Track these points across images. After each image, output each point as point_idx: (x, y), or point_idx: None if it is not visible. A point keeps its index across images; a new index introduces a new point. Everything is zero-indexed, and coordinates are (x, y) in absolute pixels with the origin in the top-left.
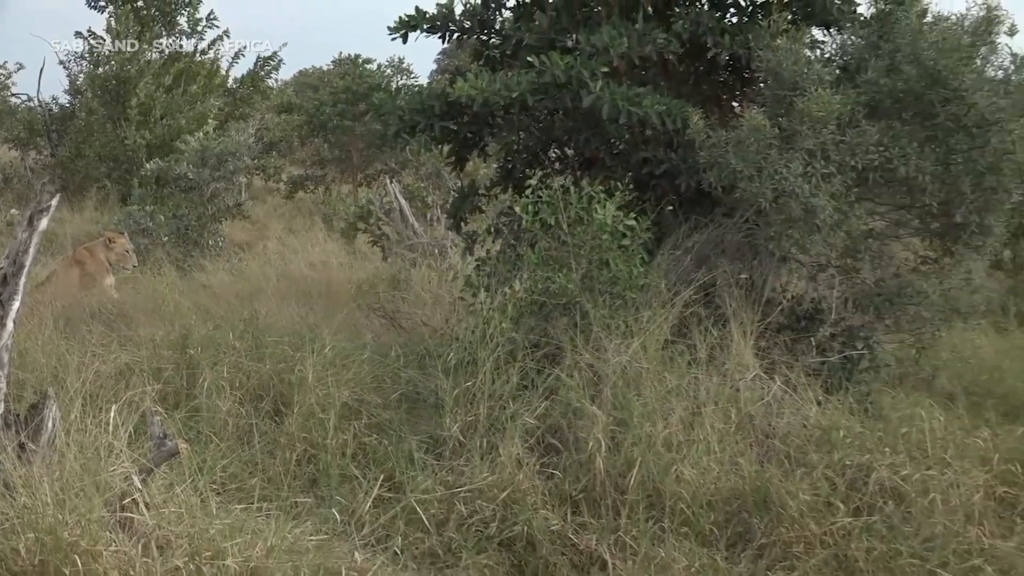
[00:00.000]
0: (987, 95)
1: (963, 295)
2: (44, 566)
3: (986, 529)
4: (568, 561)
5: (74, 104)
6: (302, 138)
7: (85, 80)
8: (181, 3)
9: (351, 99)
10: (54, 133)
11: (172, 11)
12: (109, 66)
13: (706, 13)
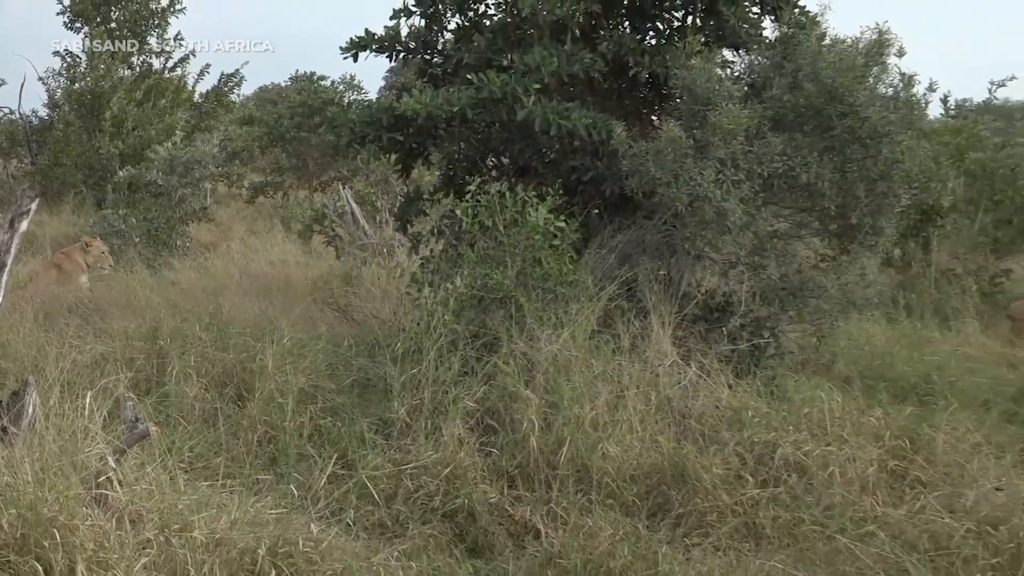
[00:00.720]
0: (879, 110)
1: (858, 289)
2: (25, 539)
3: (879, 498)
4: (505, 530)
5: (52, 117)
6: (262, 148)
7: (62, 95)
8: (151, 25)
9: (307, 112)
10: (34, 143)
11: (143, 32)
12: (85, 82)
13: (628, 36)
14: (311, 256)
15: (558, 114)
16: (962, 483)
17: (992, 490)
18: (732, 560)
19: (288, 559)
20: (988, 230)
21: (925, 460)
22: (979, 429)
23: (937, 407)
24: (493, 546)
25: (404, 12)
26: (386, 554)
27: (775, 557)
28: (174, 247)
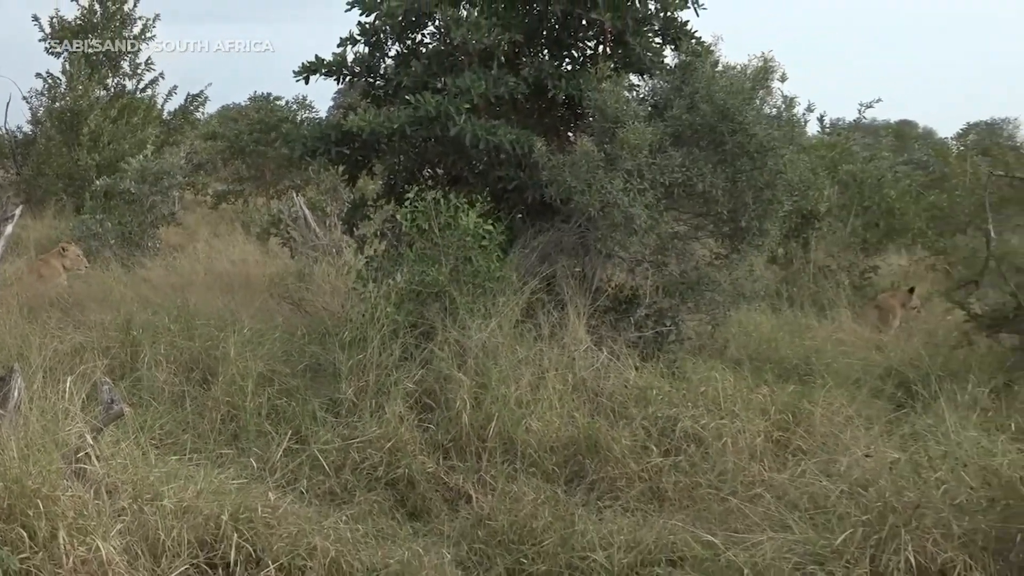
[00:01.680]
0: (764, 128)
1: (747, 283)
2: (11, 509)
3: (765, 465)
4: (441, 496)
5: (35, 132)
6: (224, 160)
7: (44, 113)
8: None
9: (264, 129)
10: (19, 156)
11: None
12: (64, 101)
13: (547, 62)
14: (268, 256)
15: (486, 131)
16: (837, 451)
17: (862, 456)
18: (639, 520)
19: (248, 523)
20: (858, 232)
21: (805, 431)
22: (851, 404)
23: (815, 385)
24: (430, 510)
25: (350, 40)
26: (335, 518)
27: (676, 516)
28: (146, 248)
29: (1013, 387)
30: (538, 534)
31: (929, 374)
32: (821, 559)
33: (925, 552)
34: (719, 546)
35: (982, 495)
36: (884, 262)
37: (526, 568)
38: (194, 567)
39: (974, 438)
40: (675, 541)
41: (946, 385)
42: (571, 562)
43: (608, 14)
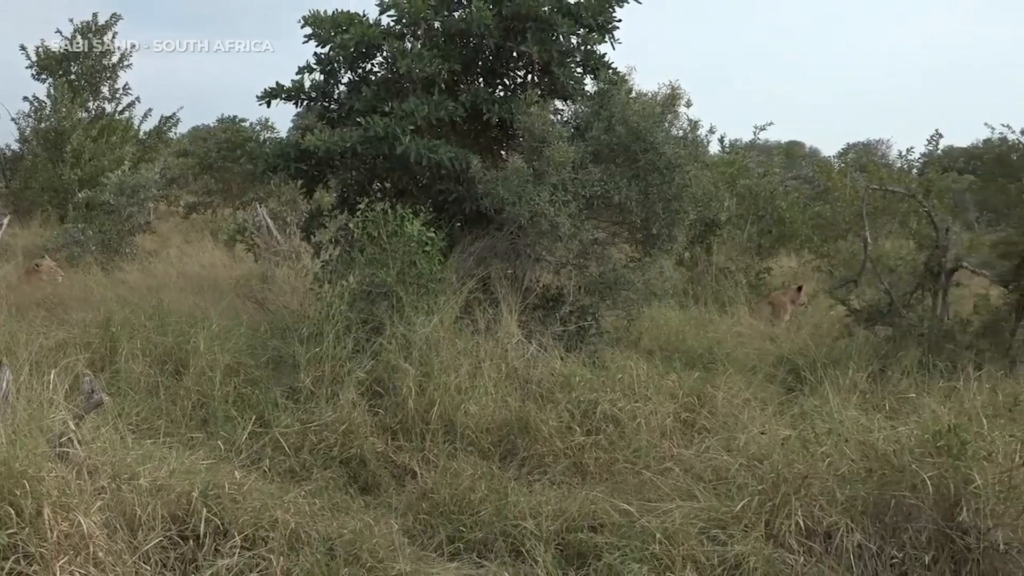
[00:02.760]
0: (672, 147)
1: (658, 283)
2: (0, 490)
3: (675, 442)
4: (389, 473)
5: (23, 150)
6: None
7: (31, 132)
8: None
9: (231, 147)
10: (7, 171)
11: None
12: (49, 122)
13: (482, 89)
14: (234, 260)
15: (428, 149)
16: (736, 429)
17: (758, 434)
18: (564, 491)
19: (216, 499)
20: (754, 238)
21: (709, 412)
22: (748, 388)
23: (717, 372)
24: (380, 485)
25: (307, 69)
26: (295, 493)
27: (597, 488)
28: (124, 253)
29: (887, 372)
30: (475, 505)
31: (815, 361)
32: (723, 524)
33: (813, 516)
34: (634, 514)
35: (861, 466)
36: (776, 264)
37: (465, 535)
38: (167, 539)
39: (854, 417)
40: (596, 510)
41: (830, 371)
42: (505, 529)
43: (536, 47)
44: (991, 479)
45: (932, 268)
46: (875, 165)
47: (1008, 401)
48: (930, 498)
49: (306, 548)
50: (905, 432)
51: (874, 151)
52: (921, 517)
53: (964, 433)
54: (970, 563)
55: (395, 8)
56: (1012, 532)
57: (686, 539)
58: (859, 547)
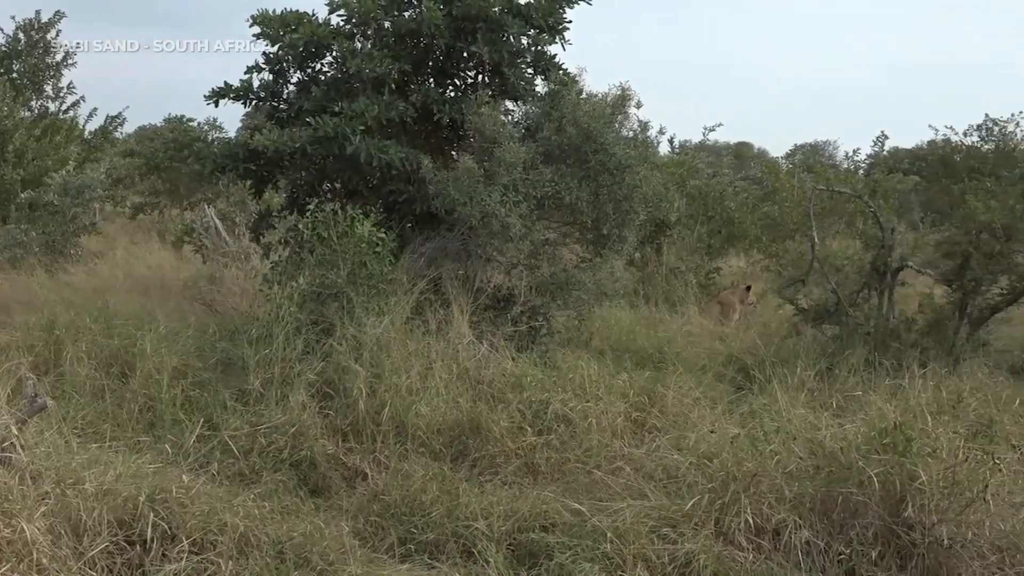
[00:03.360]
0: (623, 148)
1: (609, 283)
2: None
3: (625, 441)
4: (340, 475)
5: None
6: (142, 175)
7: None
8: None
9: (178, 147)
10: None
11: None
12: None
13: (433, 89)
14: (182, 262)
15: (379, 149)
16: (686, 428)
17: (708, 432)
18: (516, 492)
19: (164, 504)
20: (703, 238)
21: (659, 411)
22: (698, 387)
23: (668, 371)
24: (330, 487)
25: (256, 68)
26: (244, 497)
27: (548, 488)
28: (68, 255)
29: (834, 370)
30: (427, 506)
31: (764, 360)
32: (673, 522)
33: (762, 514)
34: (586, 513)
35: (809, 464)
36: (725, 264)
37: (416, 537)
38: (114, 545)
39: (802, 415)
40: (547, 510)
41: (778, 369)
42: (456, 530)
43: (486, 48)
44: (935, 475)
45: (878, 268)
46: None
47: (952, 398)
48: (876, 494)
49: (255, 552)
50: (852, 430)
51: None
52: (868, 513)
53: (909, 430)
54: (915, 558)
55: (345, 8)
56: (956, 527)
57: (637, 538)
58: (807, 544)
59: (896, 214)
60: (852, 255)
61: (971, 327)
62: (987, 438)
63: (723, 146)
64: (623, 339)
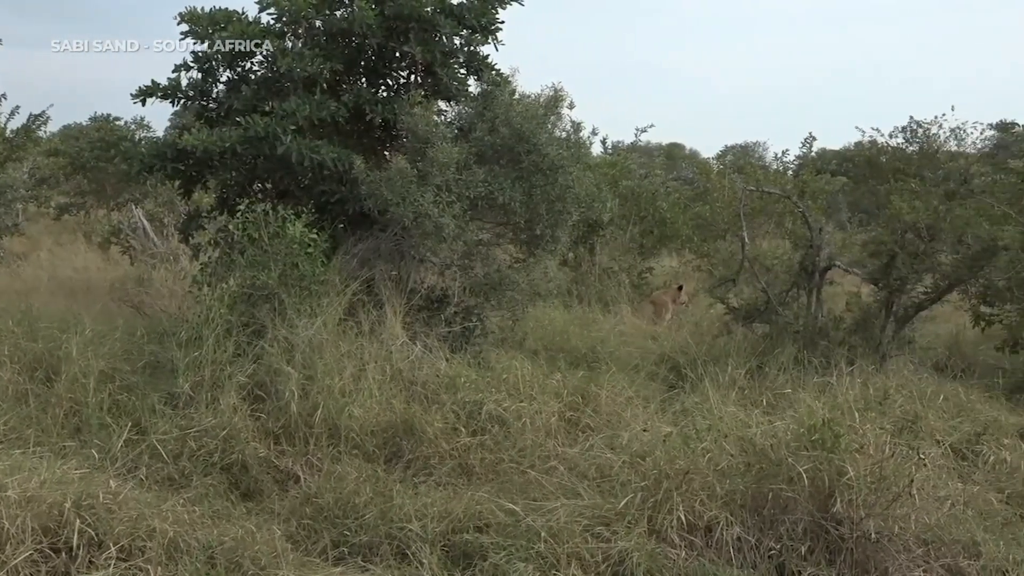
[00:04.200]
0: (556, 148)
1: (542, 283)
2: None
3: (559, 441)
4: (272, 478)
5: None
6: (67, 175)
7: None
8: None
9: (104, 146)
10: None
11: None
12: None
13: (365, 89)
14: (109, 263)
15: (310, 149)
16: (620, 427)
17: (641, 431)
18: (450, 493)
19: (91, 510)
20: (636, 238)
21: (593, 411)
22: (631, 386)
23: (601, 371)
24: (262, 491)
25: (184, 67)
26: (174, 501)
27: (482, 489)
28: None
29: (764, 368)
30: (360, 509)
31: (696, 359)
32: (607, 521)
33: (694, 511)
34: (520, 513)
35: (740, 461)
36: (658, 264)
37: (349, 539)
38: (38, 552)
39: (733, 412)
40: (482, 510)
41: (710, 368)
42: (390, 532)
43: (419, 48)
44: (863, 471)
45: (807, 267)
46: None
47: (879, 395)
48: (806, 490)
49: (185, 557)
50: (782, 427)
51: (751, 153)
52: (797, 509)
53: (837, 427)
54: (844, 552)
55: (275, 6)
56: (883, 522)
57: (571, 537)
58: (738, 540)
59: (824, 214)
60: (781, 255)
61: (897, 325)
62: (913, 434)
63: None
64: (557, 339)
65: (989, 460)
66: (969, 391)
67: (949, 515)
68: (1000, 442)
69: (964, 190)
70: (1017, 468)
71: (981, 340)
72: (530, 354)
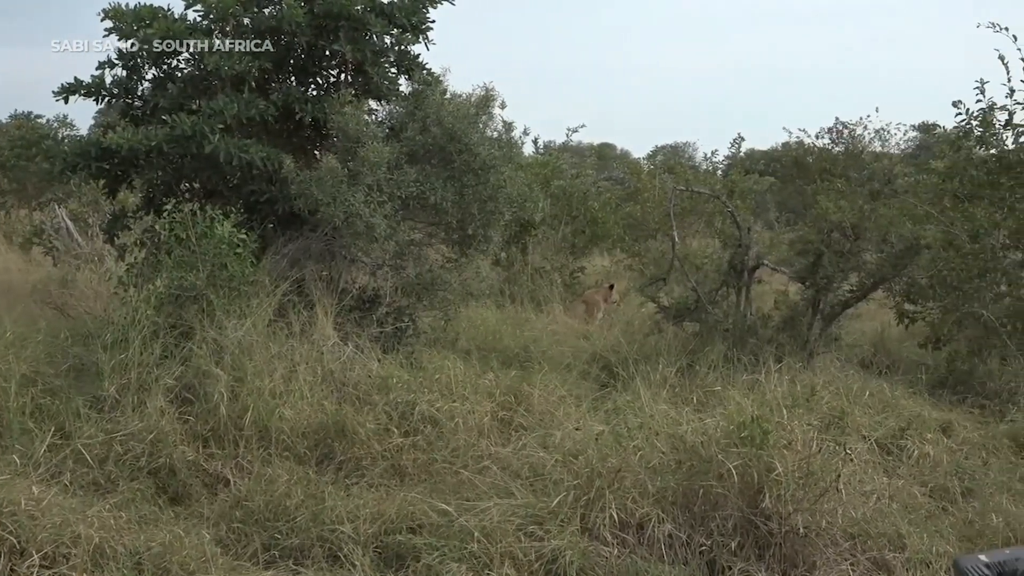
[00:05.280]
0: (487, 148)
1: (475, 283)
2: None
3: (492, 440)
4: (201, 482)
5: None
6: None
7: None
8: None
9: (25, 145)
10: None
11: None
12: None
13: (294, 88)
14: (31, 264)
15: (239, 148)
16: (552, 425)
17: (573, 430)
18: (383, 494)
19: (12, 517)
20: (568, 238)
21: (525, 410)
22: (563, 385)
23: (534, 370)
24: (191, 495)
25: (108, 64)
26: (99, 507)
27: (415, 490)
28: None
29: (695, 366)
30: (291, 511)
31: (627, 358)
32: (540, 520)
33: (626, 509)
34: (453, 513)
35: (671, 458)
36: (589, 263)
37: (280, 542)
38: None
39: (664, 410)
40: (415, 511)
41: (641, 367)
42: (322, 535)
43: (349, 46)
44: (791, 466)
45: (736, 266)
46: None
47: (806, 391)
48: (735, 487)
49: (111, 564)
50: (712, 424)
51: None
52: (727, 505)
53: (766, 423)
54: (773, 547)
55: (201, 3)
56: (811, 516)
57: (504, 536)
58: (670, 536)
59: (753, 214)
60: (711, 254)
61: (823, 323)
62: (839, 429)
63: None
64: (489, 339)
65: (913, 455)
66: (893, 387)
67: (875, 509)
68: (923, 437)
69: (888, 190)
70: (940, 462)
71: (905, 337)
72: (463, 354)
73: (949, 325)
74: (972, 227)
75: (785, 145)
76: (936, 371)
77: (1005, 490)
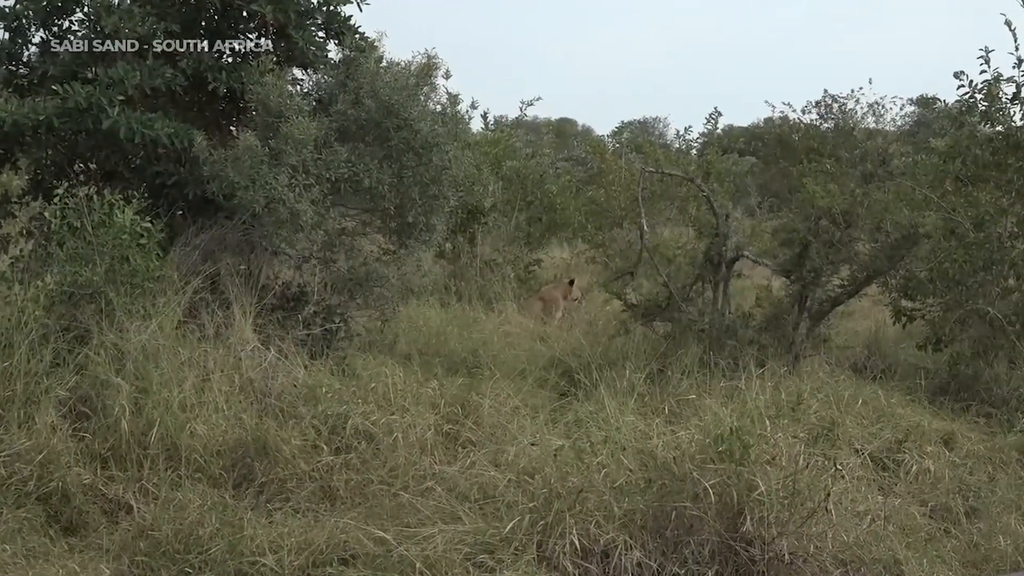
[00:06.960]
0: (429, 124)
1: (415, 278)
2: None
3: (436, 458)
4: (99, 508)
5: None
6: None
7: None
8: None
9: None
10: None
11: None
12: None
13: (207, 54)
14: None
15: (142, 124)
16: (505, 441)
17: (529, 445)
18: (310, 520)
19: None
20: (523, 226)
21: (474, 423)
22: (517, 394)
23: (483, 377)
24: (88, 524)
25: None
26: None
27: (348, 515)
28: None
29: (666, 372)
30: (205, 542)
31: (590, 363)
32: (491, 548)
33: (589, 534)
34: (391, 542)
35: (640, 476)
36: (547, 255)
37: None
38: None
39: (632, 422)
40: (347, 539)
41: (606, 373)
42: (240, 568)
43: (269, 6)
44: (775, 485)
45: (712, 258)
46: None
47: (791, 400)
48: (713, 508)
49: None
50: (686, 437)
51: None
52: (704, 529)
53: (746, 436)
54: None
55: None
56: (797, 541)
57: (450, 567)
58: (638, 565)
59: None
60: (684, 244)
61: (811, 322)
62: (829, 442)
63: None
64: (433, 341)
65: (911, 470)
66: (889, 394)
67: (869, 532)
68: (923, 450)
69: (883, 172)
70: (941, 478)
71: (902, 337)
72: (402, 359)
73: (951, 324)
74: (976, 214)
75: (768, 121)
76: (937, 376)
77: (1014, 509)
